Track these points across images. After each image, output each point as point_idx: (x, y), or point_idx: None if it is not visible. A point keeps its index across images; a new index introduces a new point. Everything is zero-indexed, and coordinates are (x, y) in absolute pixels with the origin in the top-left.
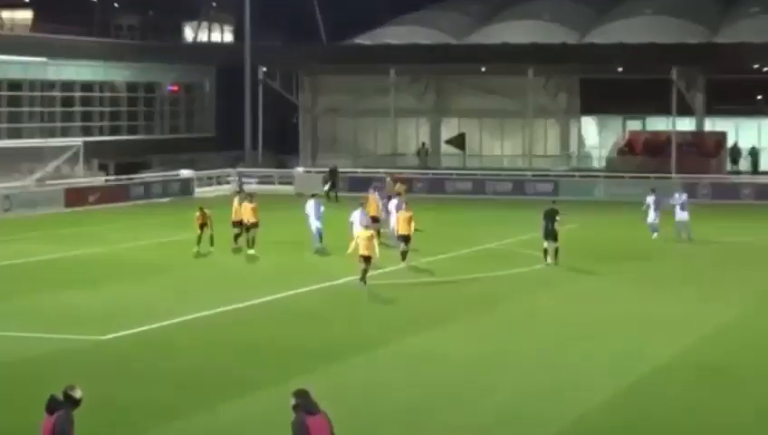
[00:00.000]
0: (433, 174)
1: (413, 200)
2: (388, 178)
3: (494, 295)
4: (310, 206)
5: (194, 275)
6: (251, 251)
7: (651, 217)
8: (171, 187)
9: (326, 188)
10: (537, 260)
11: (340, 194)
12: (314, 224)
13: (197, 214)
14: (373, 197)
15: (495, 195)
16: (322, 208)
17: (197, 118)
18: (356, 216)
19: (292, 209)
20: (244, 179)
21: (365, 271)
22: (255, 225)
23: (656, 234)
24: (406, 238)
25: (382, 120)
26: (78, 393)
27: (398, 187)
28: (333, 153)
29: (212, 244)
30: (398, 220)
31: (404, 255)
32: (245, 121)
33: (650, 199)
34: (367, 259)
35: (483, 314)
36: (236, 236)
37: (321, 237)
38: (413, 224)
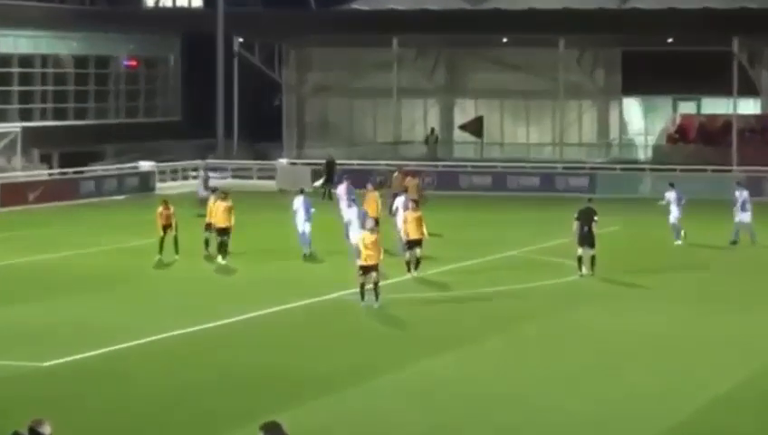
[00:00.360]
0: (444, 166)
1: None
2: (396, 173)
3: (517, 313)
4: (298, 203)
5: (155, 288)
6: (222, 260)
7: (674, 215)
8: (128, 182)
9: (318, 183)
10: (570, 270)
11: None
12: (302, 226)
13: (160, 209)
14: (373, 195)
15: (520, 191)
16: (313, 209)
17: (160, 99)
18: (352, 214)
19: (273, 209)
20: (210, 174)
21: (374, 284)
22: (227, 230)
23: (679, 240)
24: (416, 244)
25: (383, 102)
26: (47, 430)
27: (408, 181)
28: (324, 142)
29: (177, 250)
30: (405, 221)
31: (411, 264)
32: (218, 104)
33: (671, 196)
34: (369, 270)
35: (504, 336)
36: (207, 242)
37: (309, 242)
38: (425, 227)
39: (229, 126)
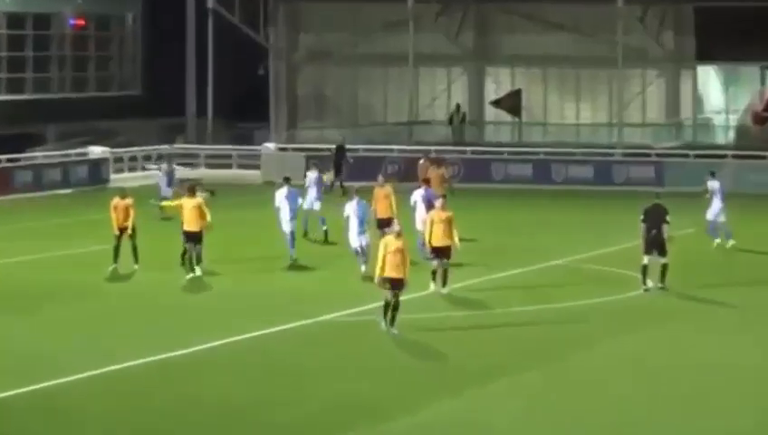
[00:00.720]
0: (473, 153)
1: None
2: (422, 160)
3: (563, 339)
4: (281, 196)
5: (107, 307)
6: (191, 274)
7: (714, 210)
8: (75, 172)
9: (329, 176)
10: (633, 284)
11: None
12: (287, 225)
13: (116, 201)
14: (383, 190)
15: (567, 184)
16: (301, 201)
17: (115, 68)
18: (351, 209)
19: (258, 206)
20: (177, 167)
21: (393, 305)
22: (198, 236)
23: (718, 239)
24: (443, 253)
25: (396, 72)
26: None
27: (430, 172)
28: (321, 121)
29: (136, 258)
30: (430, 223)
31: (437, 275)
32: (188, 74)
33: (714, 185)
34: (397, 285)
35: (546, 370)
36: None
37: (293, 243)
38: (456, 231)
39: (202, 102)
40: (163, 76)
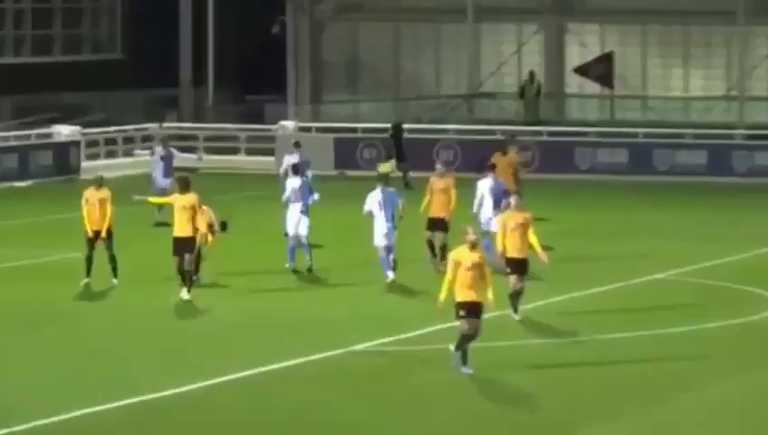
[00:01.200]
0: (550, 134)
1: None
2: (506, 139)
3: (671, 373)
4: (292, 187)
5: (75, 335)
6: (184, 294)
7: None
8: (37, 158)
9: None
10: (760, 303)
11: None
12: (296, 222)
13: (87, 194)
14: (441, 180)
15: (673, 174)
16: (317, 196)
17: (87, 24)
18: (374, 200)
19: (272, 204)
20: (175, 151)
21: (469, 336)
22: (188, 243)
23: None
24: (521, 265)
25: (450, 30)
26: None
27: (498, 158)
28: (354, 93)
29: (115, 271)
30: (503, 228)
31: (516, 297)
32: (181, 32)
33: None
34: (472, 310)
35: (651, 411)
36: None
37: (308, 248)
38: (536, 238)
39: (200, 68)
40: (149, 35)
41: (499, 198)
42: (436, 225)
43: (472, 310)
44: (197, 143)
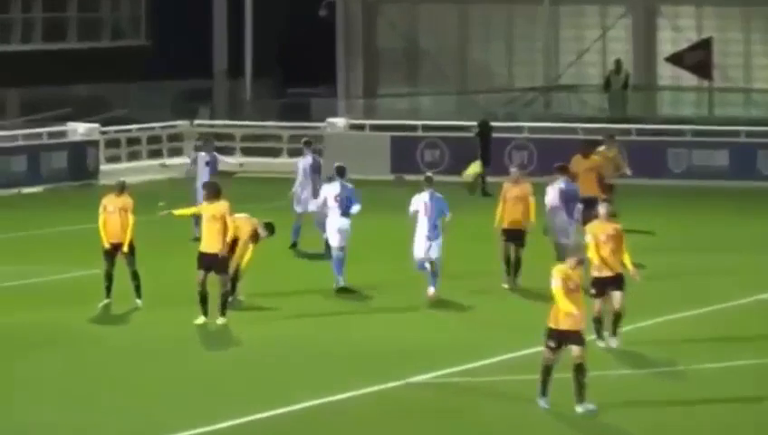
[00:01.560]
0: (639, 132)
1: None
2: (605, 144)
3: None
4: (328, 192)
5: (98, 364)
6: (201, 318)
7: None
8: (48, 161)
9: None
10: None
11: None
12: (335, 230)
13: (106, 201)
14: (517, 187)
15: None
16: (357, 207)
17: (109, 6)
18: (420, 204)
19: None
20: (219, 155)
21: (577, 369)
22: (220, 262)
23: None
24: (613, 284)
25: (525, 12)
26: None
27: (577, 162)
28: (413, 85)
29: (139, 291)
30: (594, 244)
31: (602, 323)
32: (215, 16)
33: None
34: (574, 338)
35: None
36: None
37: (340, 264)
38: (627, 255)
39: (236, 56)
40: (178, 18)
41: (572, 206)
42: (512, 237)
43: (568, 338)
44: (233, 143)
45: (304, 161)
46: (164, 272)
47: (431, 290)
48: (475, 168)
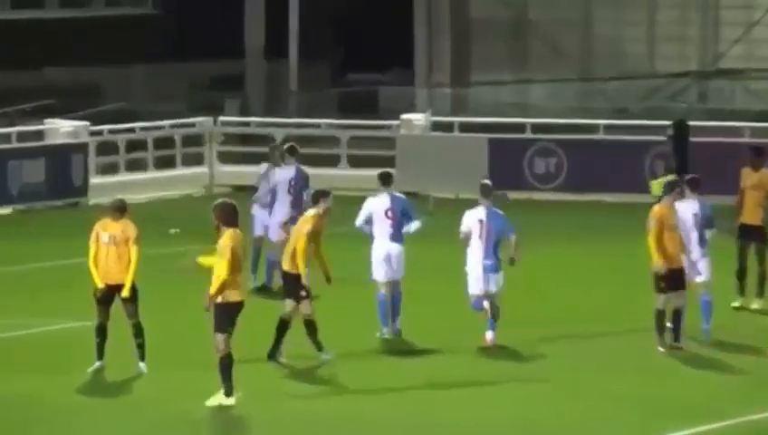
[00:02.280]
0: None
1: None
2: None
3: None
4: (374, 208)
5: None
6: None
7: None
8: (22, 172)
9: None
10: None
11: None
12: (380, 267)
13: (99, 227)
14: (663, 209)
15: None
16: (417, 224)
17: None
18: (472, 221)
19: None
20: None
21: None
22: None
23: None
24: None
25: None
26: None
27: (750, 174)
28: (519, 71)
29: (142, 352)
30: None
31: None
32: None
33: None
34: None
35: None
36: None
37: (398, 303)
38: None
39: (277, 32)
40: None
41: (703, 229)
42: (673, 277)
43: None
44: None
45: (283, 173)
46: (175, 325)
47: (489, 335)
48: (663, 179)
